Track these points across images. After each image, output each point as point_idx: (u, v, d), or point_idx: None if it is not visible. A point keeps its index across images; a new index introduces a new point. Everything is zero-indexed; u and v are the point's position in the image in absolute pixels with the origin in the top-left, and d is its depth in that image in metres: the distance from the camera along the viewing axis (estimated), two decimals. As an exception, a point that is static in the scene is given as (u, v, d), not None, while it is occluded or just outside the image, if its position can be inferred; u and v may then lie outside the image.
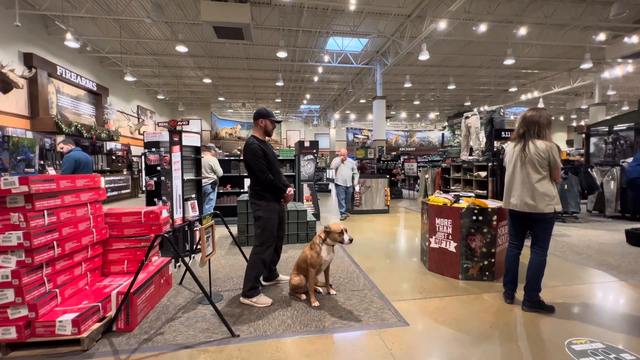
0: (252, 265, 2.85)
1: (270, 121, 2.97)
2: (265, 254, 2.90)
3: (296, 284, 2.92)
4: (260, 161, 2.81)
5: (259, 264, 2.86)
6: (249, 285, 2.81)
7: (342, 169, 7.06)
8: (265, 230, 2.88)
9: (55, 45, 10.01)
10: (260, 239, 2.89)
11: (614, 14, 8.14)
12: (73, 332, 2.13)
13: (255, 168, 2.80)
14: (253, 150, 2.81)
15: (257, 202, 2.89)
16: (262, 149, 2.84)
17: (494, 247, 3.24)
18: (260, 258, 2.87)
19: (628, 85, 17.72)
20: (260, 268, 2.87)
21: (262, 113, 2.96)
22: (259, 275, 2.90)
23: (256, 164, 2.80)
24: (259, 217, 2.88)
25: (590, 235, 5.27)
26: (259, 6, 9.21)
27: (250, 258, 2.88)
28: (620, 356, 2.03)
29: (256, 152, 2.80)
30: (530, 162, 2.55)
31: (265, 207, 2.88)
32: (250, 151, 2.81)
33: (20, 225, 2.10)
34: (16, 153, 7.53)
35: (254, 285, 2.83)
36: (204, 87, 18.26)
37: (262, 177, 2.81)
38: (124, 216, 2.95)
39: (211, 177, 5.84)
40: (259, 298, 2.81)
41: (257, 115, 2.96)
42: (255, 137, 2.93)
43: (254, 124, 2.99)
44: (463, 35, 10.90)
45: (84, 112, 11.59)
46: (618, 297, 2.96)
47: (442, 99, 21.20)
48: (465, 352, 2.12)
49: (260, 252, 2.87)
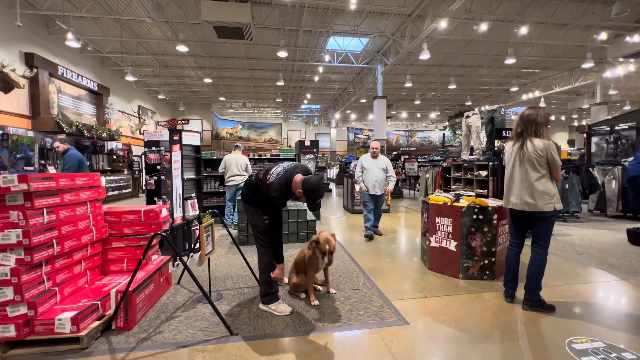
0: (262, 269, 2.66)
1: (305, 198, 2.46)
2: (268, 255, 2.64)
3: (296, 282, 2.91)
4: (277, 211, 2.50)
5: (266, 267, 2.64)
6: (263, 291, 2.66)
7: (372, 169, 5.08)
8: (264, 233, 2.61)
9: (56, 45, 10.03)
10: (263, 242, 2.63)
11: (615, 13, 8.10)
12: (72, 330, 2.13)
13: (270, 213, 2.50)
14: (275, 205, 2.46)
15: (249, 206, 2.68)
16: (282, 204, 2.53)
17: (494, 246, 3.23)
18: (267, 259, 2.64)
19: (630, 84, 17.66)
20: (267, 270, 2.64)
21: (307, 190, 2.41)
22: (269, 279, 2.63)
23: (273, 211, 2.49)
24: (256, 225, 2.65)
25: (592, 235, 5.25)
26: (260, 6, 9.21)
27: (258, 262, 2.70)
28: (622, 355, 2.01)
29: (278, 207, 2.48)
30: (529, 161, 2.54)
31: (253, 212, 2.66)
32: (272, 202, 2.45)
33: (19, 223, 2.10)
34: (15, 151, 7.55)
35: (268, 291, 2.65)
36: (205, 87, 18.27)
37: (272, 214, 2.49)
38: (123, 215, 2.95)
39: (244, 175, 5.88)
40: (277, 306, 2.63)
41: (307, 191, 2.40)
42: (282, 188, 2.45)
43: (294, 184, 2.46)
44: (464, 35, 10.87)
45: (85, 111, 11.60)
46: (619, 296, 2.95)
47: (443, 98, 21.16)
48: (465, 351, 2.11)
49: (266, 253, 2.64)
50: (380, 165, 5.09)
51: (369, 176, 5.08)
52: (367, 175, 5.11)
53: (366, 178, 5.11)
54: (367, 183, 5.10)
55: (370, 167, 5.09)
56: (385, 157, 5.23)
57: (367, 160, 5.16)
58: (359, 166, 5.22)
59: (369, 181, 5.08)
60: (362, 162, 5.19)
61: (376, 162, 5.10)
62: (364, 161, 5.18)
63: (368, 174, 5.09)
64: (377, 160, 5.12)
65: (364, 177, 5.14)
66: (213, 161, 7.07)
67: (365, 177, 5.12)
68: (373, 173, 5.07)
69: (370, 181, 5.07)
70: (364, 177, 5.14)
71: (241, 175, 5.84)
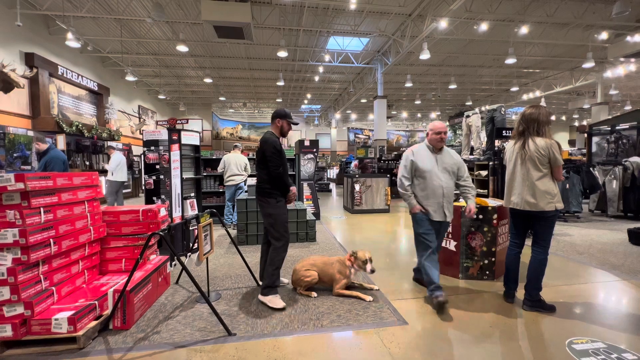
0: (270, 262, 2.79)
1: (287, 122, 2.96)
2: (285, 251, 2.85)
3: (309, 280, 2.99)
4: (278, 156, 2.80)
5: (277, 260, 2.80)
6: (269, 282, 2.78)
7: (433, 172, 2.80)
8: (280, 225, 2.83)
9: (57, 45, 10.03)
10: (276, 234, 2.81)
11: (616, 13, 8.08)
12: (69, 330, 2.12)
13: (272, 162, 2.77)
14: (274, 143, 2.80)
15: (267, 199, 2.84)
16: (280, 145, 2.86)
17: (494, 246, 3.21)
18: (280, 255, 2.82)
19: (630, 84, 17.62)
20: (277, 264, 2.80)
21: (281, 113, 2.96)
22: (274, 273, 2.79)
23: (274, 158, 2.77)
24: (270, 214, 2.83)
25: (592, 235, 5.22)
26: (260, 5, 9.20)
27: (270, 256, 2.81)
28: (622, 356, 2.00)
29: (276, 146, 2.79)
30: (530, 160, 2.52)
31: (274, 204, 2.84)
32: (271, 144, 2.78)
33: (16, 222, 2.09)
34: (12, 150, 7.55)
35: (268, 284, 2.78)
36: (205, 87, 18.28)
37: (274, 172, 2.77)
38: (122, 214, 2.93)
39: (244, 175, 5.88)
40: (272, 298, 2.74)
41: (276, 115, 2.97)
42: (273, 133, 2.93)
43: (271, 122, 3.00)
44: (464, 35, 10.86)
45: (85, 111, 11.60)
46: (620, 296, 2.93)
47: (444, 98, 21.14)
48: (465, 351, 2.09)
49: (278, 248, 2.81)
50: (449, 165, 2.82)
51: (429, 187, 2.77)
52: (424, 185, 2.79)
53: (423, 190, 2.80)
54: (425, 199, 2.78)
55: (430, 170, 2.78)
56: (454, 152, 2.96)
57: (424, 157, 2.83)
58: (405, 168, 2.86)
59: (429, 196, 2.77)
60: (414, 158, 2.83)
61: (441, 159, 2.83)
62: (418, 158, 2.82)
63: (426, 183, 2.78)
64: (442, 155, 2.85)
65: (417, 188, 2.83)
66: (212, 161, 7.06)
67: (421, 188, 2.81)
68: (437, 180, 2.77)
69: (432, 196, 2.76)
70: (417, 188, 2.83)
71: (240, 175, 5.83)
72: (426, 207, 2.77)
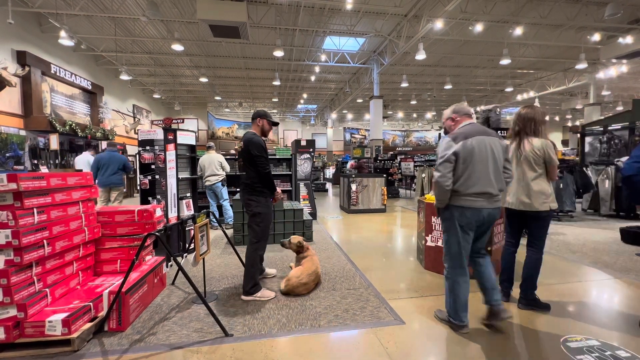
0: (252, 262, 2.90)
1: (267, 121, 3.04)
2: (262, 250, 3.02)
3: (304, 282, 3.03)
4: (264, 155, 2.88)
5: (257, 260, 2.97)
6: (251, 283, 2.87)
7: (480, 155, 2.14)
8: (266, 224, 2.95)
9: (49, 43, 9.89)
10: (259, 235, 2.93)
11: (608, 15, 8.19)
12: (63, 332, 2.09)
13: (259, 161, 2.83)
14: (259, 142, 2.88)
15: (256, 198, 2.90)
16: (265, 144, 2.93)
17: (489, 246, 3.23)
18: (258, 254, 2.97)
19: (622, 85, 17.87)
20: (255, 262, 2.94)
21: (261, 113, 3.05)
22: (257, 271, 2.98)
23: (260, 157, 2.84)
24: (259, 213, 2.90)
25: (586, 234, 5.29)
26: (256, 5, 9.17)
27: (249, 255, 2.91)
28: (616, 353, 2.03)
29: (262, 145, 2.87)
30: (526, 160, 2.54)
31: (264, 203, 2.93)
32: (257, 144, 2.85)
33: (8, 223, 2.05)
34: (4, 150, 7.43)
35: (256, 282, 2.91)
36: (201, 87, 18.16)
37: (263, 171, 2.85)
38: (117, 215, 2.90)
39: (221, 174, 5.84)
40: (263, 292, 2.90)
41: (256, 115, 3.05)
42: (255, 133, 2.98)
43: (252, 122, 3.06)
44: (459, 35, 10.93)
45: (78, 111, 11.47)
46: (613, 294, 2.97)
47: (439, 98, 21.25)
48: (461, 350, 2.10)
49: (258, 248, 2.95)
50: (496, 148, 2.20)
51: (475, 174, 2.15)
52: (469, 172, 2.16)
53: (467, 179, 2.17)
54: (470, 188, 2.17)
55: (478, 152, 2.15)
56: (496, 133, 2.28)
57: (473, 137, 2.17)
58: (445, 147, 2.20)
59: (475, 184, 2.16)
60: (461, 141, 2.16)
61: (490, 141, 2.20)
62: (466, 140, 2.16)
63: (473, 169, 2.15)
64: (491, 137, 2.22)
65: (462, 178, 2.18)
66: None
67: (466, 176, 2.17)
68: (485, 165, 2.16)
69: (480, 182, 2.16)
70: (462, 178, 2.18)
71: (216, 175, 5.80)
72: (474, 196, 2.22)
